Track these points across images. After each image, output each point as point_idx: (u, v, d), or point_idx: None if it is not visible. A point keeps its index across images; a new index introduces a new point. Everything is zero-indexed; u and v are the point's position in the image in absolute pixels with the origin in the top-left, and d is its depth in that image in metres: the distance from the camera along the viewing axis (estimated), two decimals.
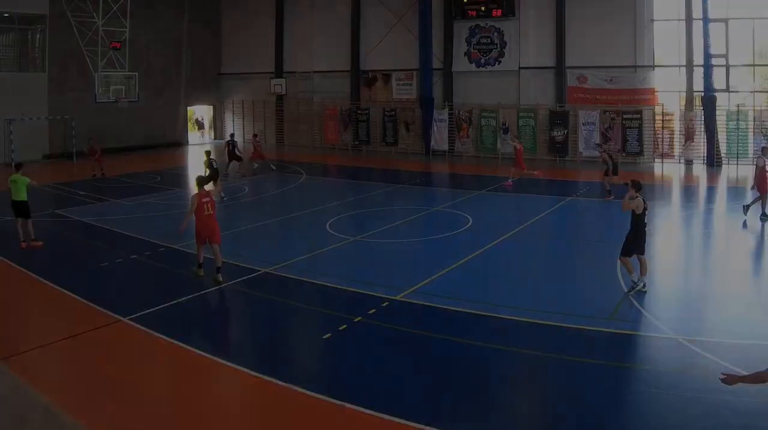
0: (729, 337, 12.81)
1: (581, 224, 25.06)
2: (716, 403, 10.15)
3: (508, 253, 20.11)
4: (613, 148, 37.47)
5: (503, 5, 44.13)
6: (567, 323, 13.80)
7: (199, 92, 54.06)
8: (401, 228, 23.51)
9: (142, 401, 10.96)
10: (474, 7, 44.99)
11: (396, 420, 9.88)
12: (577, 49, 43.23)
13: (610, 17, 42.37)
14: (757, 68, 42.80)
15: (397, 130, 47.52)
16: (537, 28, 44.18)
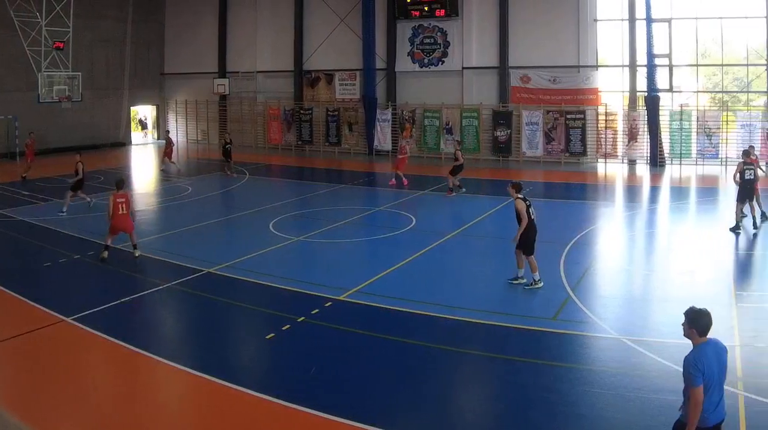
0: (672, 337, 12.13)
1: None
2: (659, 403, 9.94)
3: (452, 253, 19.61)
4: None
5: (446, 5, 42.36)
6: (510, 323, 13.45)
7: (142, 92, 51.46)
8: (344, 228, 22.82)
9: (85, 400, 10.64)
10: (417, 8, 43.05)
11: (339, 420, 9.65)
12: (521, 49, 41.40)
13: (553, 17, 40.63)
14: (700, 68, 41.27)
15: (341, 130, 45.41)
16: (480, 28, 42.26)
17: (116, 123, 50.10)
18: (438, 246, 20.04)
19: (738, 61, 40.79)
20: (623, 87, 40.78)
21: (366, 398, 10.49)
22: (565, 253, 18.97)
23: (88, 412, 10.22)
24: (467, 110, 42.36)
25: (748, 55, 39.55)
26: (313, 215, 25.18)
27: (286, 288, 16.02)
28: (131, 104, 51.49)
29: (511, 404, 10.45)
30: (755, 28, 38.70)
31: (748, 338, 12.44)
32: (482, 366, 12.09)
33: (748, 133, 37.95)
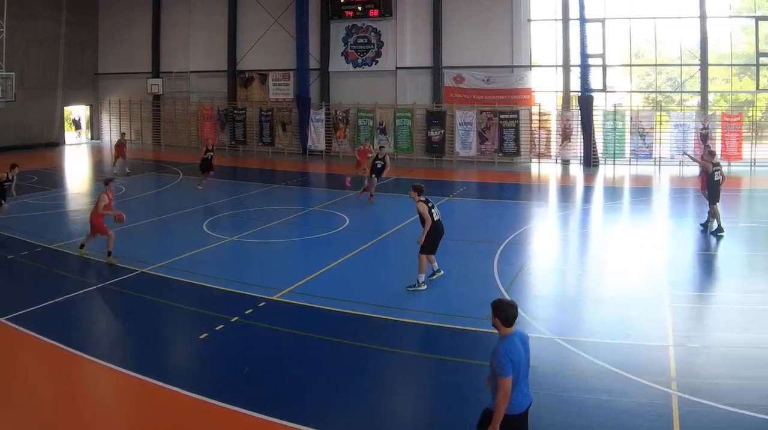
0: (605, 337, 12.20)
1: (458, 224, 22.54)
2: (592, 403, 9.69)
3: (385, 253, 18.96)
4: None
5: (380, 5, 40.04)
6: (444, 323, 13.01)
7: (76, 92, 48.49)
8: (278, 228, 21.93)
9: (19, 401, 10.17)
10: (351, 8, 40.80)
11: (273, 420, 9.30)
12: (454, 49, 39.39)
13: (487, 17, 38.69)
14: (634, 68, 39.67)
15: (274, 130, 42.65)
16: (414, 28, 40.11)
17: (50, 123, 46.80)
18: (372, 246, 19.34)
19: (671, 61, 39.30)
20: (557, 87, 38.91)
21: (300, 398, 10.11)
22: (498, 253, 18.27)
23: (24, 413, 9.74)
24: (401, 110, 40.07)
25: (682, 55, 38.03)
26: (247, 215, 24.27)
27: (220, 288, 15.41)
28: (65, 104, 48.17)
29: (446, 404, 9.99)
30: (689, 28, 37.14)
31: (681, 338, 12.06)
32: (416, 366, 11.66)
33: (682, 133, 36.41)
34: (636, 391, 9.93)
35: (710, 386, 10.07)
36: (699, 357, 11.36)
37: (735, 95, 39.74)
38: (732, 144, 35.93)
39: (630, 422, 9.14)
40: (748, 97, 39.57)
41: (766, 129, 38.75)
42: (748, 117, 36.97)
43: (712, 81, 39.07)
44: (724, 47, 38.82)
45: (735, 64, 39.10)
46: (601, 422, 9.14)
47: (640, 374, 10.50)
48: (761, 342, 11.92)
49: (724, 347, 11.75)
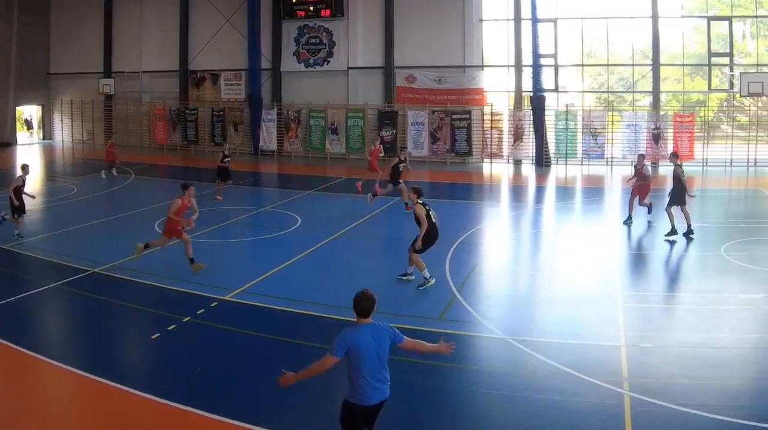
0: (557, 337, 11.95)
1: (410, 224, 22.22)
2: (544, 403, 9.46)
3: (337, 253, 18.44)
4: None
5: (332, 5, 38.53)
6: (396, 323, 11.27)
7: (28, 92, 46.51)
8: (230, 228, 21.41)
9: None
10: (303, 8, 39.25)
11: (225, 420, 9.04)
12: (406, 49, 38.01)
13: (439, 18, 37.41)
14: (586, 68, 38.75)
15: (226, 130, 40.92)
16: (366, 28, 38.67)
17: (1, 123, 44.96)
18: (324, 246, 18.82)
19: (623, 61, 38.46)
20: (509, 87, 37.71)
21: (252, 398, 9.79)
22: (450, 253, 17.74)
23: None
24: (352, 110, 38.52)
25: (634, 55, 37.17)
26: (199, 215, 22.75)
27: (172, 288, 14.97)
28: (17, 104, 46.17)
29: (398, 404, 9.10)
30: (641, 28, 36.19)
31: (633, 338, 11.84)
32: None
33: (634, 133, 35.63)
34: (588, 391, 9.75)
35: (662, 386, 9.87)
36: (651, 357, 11.14)
37: (687, 95, 38.85)
38: (684, 144, 35.05)
39: (582, 422, 8.95)
40: (700, 97, 38.74)
41: (717, 129, 37.89)
42: (700, 117, 36.14)
43: (664, 81, 38.16)
44: (676, 47, 37.94)
45: (687, 64, 38.27)
46: (553, 422, 8.98)
47: (592, 374, 10.26)
48: (713, 342, 11.73)
49: (677, 347, 11.56)
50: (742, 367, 10.77)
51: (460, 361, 11.20)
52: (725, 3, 37.57)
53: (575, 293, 14.79)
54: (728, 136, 36.48)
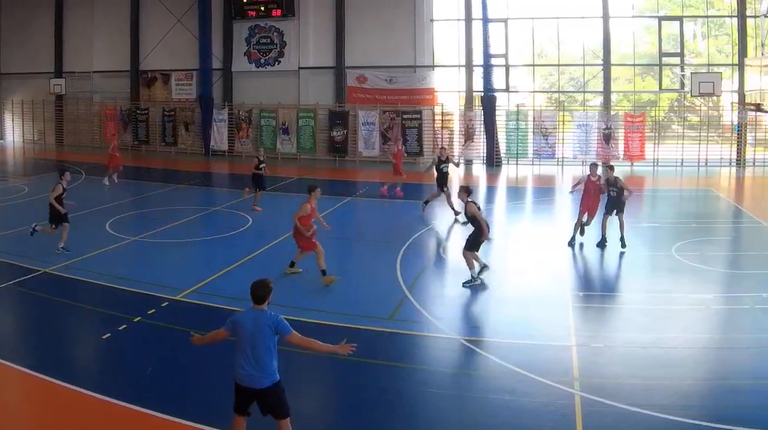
0: (508, 337, 11.82)
1: (361, 224, 22.72)
2: (495, 403, 9.37)
3: (288, 253, 17.17)
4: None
5: (283, 5, 37.35)
6: (347, 323, 12.49)
7: None
8: (181, 228, 20.83)
9: None
10: (254, 8, 38.07)
11: (177, 420, 8.86)
12: (357, 49, 37.01)
13: (390, 18, 36.42)
14: (537, 68, 38.09)
15: (177, 131, 39.68)
16: (317, 29, 37.60)
17: None
18: (274, 246, 18.35)
19: (574, 61, 37.80)
20: (459, 87, 36.86)
21: (203, 398, 9.64)
22: (401, 253, 17.54)
23: None
24: (303, 110, 37.37)
25: (585, 55, 36.51)
26: (150, 215, 23.21)
27: (123, 288, 14.61)
28: None
29: (349, 404, 9.61)
30: (592, 28, 35.43)
31: (584, 338, 11.71)
32: (319, 367, 10.95)
33: (585, 133, 34.97)
34: (539, 391, 9.64)
35: (613, 386, 9.76)
36: (602, 357, 11.04)
37: (638, 95, 38.27)
38: (635, 144, 34.49)
39: (533, 422, 8.85)
40: (651, 97, 38.21)
41: (668, 129, 37.35)
42: (651, 117, 35.67)
43: (615, 81, 37.50)
44: (627, 47, 37.32)
45: (638, 65, 37.69)
46: (504, 422, 8.86)
47: (543, 374, 10.11)
48: (663, 342, 11.60)
49: (627, 347, 11.45)
50: (693, 367, 10.67)
51: (412, 361, 11.27)
52: (676, 3, 36.98)
53: (526, 293, 14.64)
54: (679, 136, 36.02)
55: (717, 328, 12.64)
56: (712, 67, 35.61)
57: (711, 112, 36.96)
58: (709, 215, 23.28)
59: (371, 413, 9.24)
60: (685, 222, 21.41)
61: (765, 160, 34.87)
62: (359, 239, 18.09)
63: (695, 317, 13.07)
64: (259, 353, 7.17)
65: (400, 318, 12.93)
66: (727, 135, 36.38)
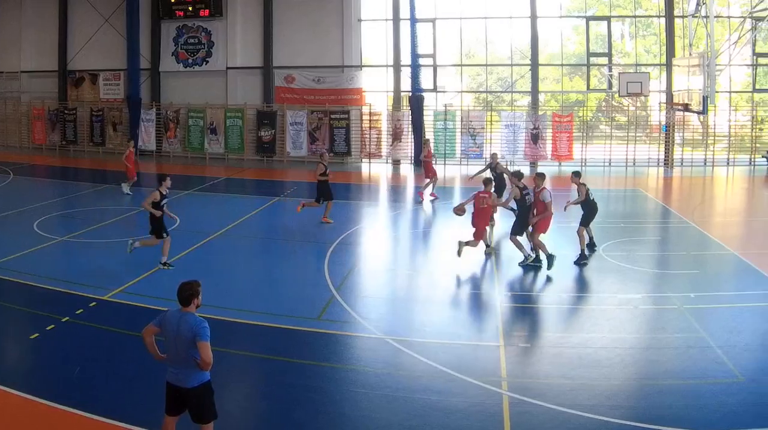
0: (436, 337, 11.66)
1: (289, 224, 22.03)
2: (423, 403, 9.23)
3: (217, 253, 17.77)
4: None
5: (211, 5, 35.95)
6: (276, 323, 12.42)
7: None
8: (109, 228, 20.39)
9: None
10: (181, 7, 36.63)
11: (105, 420, 8.65)
12: (285, 49, 35.74)
13: (318, 18, 35.22)
14: (464, 68, 37.27)
15: (105, 131, 38.53)
16: (245, 29, 36.29)
17: None
18: (202, 246, 18.13)
19: (502, 61, 36.88)
20: (387, 87, 35.69)
21: (131, 398, 9.33)
22: (329, 253, 17.35)
23: None
24: (231, 110, 36.03)
25: (513, 55, 35.64)
26: (78, 215, 22.55)
27: (51, 288, 14.27)
28: None
29: (277, 404, 9.39)
30: (520, 28, 34.52)
31: (512, 338, 11.62)
32: (247, 366, 10.88)
33: (512, 133, 34.12)
34: (467, 391, 9.54)
35: (541, 386, 9.71)
36: (530, 357, 11.02)
37: (566, 95, 37.49)
38: (562, 144, 33.72)
39: (461, 422, 8.74)
40: (578, 97, 37.46)
41: (596, 129, 36.67)
42: (579, 117, 34.88)
43: (543, 81, 36.71)
44: (555, 47, 36.64)
45: (566, 65, 36.96)
46: (432, 422, 8.77)
47: (471, 374, 10.02)
48: (591, 342, 11.52)
49: (555, 347, 11.41)
50: (620, 367, 10.55)
51: (340, 361, 11.11)
52: (604, 3, 36.18)
53: (454, 293, 14.58)
54: (607, 136, 35.49)
55: (644, 328, 12.52)
56: (639, 67, 35.02)
57: (639, 113, 36.23)
58: (636, 215, 22.87)
59: (298, 413, 9.09)
60: (613, 222, 20.83)
61: (693, 161, 34.50)
62: (287, 239, 17.79)
63: (623, 317, 12.92)
64: (183, 354, 6.99)
65: (328, 318, 12.81)
66: (655, 135, 35.85)
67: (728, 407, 9.05)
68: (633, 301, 13.73)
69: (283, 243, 17.65)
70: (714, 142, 34.70)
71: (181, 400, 7.17)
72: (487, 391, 9.55)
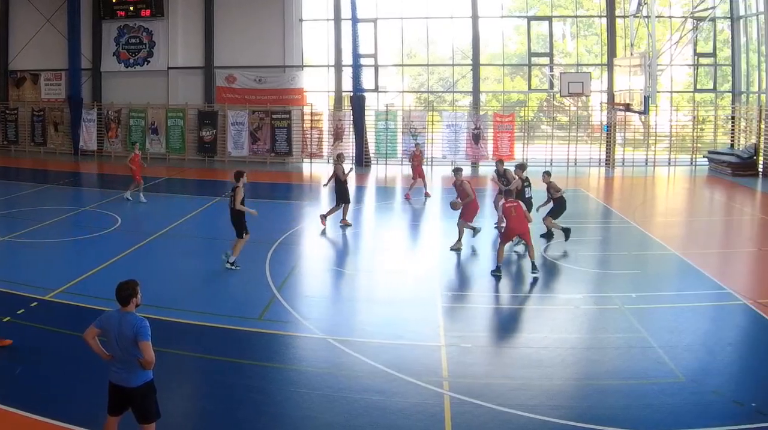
0: (378, 337, 11.46)
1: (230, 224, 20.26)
2: (365, 403, 9.11)
3: (158, 253, 17.46)
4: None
5: (152, 6, 35.06)
6: (217, 323, 12.20)
7: None
8: (50, 228, 19.76)
9: None
10: (123, 7, 35.72)
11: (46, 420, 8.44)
12: (227, 49, 34.93)
13: (259, 18, 34.44)
14: (406, 68, 36.64)
15: (46, 131, 37.47)
16: (186, 29, 35.41)
17: None
18: (144, 246, 17.75)
19: (444, 61, 36.32)
20: (329, 87, 35.06)
21: (73, 399, 9.08)
22: (270, 253, 17.01)
23: None
24: (173, 110, 35.17)
25: (454, 55, 35.12)
26: (19, 215, 21.96)
27: None
28: None
29: (218, 404, 9.15)
30: (461, 28, 33.99)
31: (453, 338, 11.42)
32: (189, 366, 10.55)
33: (454, 133, 33.64)
34: (408, 391, 9.42)
35: (482, 386, 9.57)
36: (471, 357, 10.83)
37: (507, 95, 36.96)
38: (504, 144, 33.25)
39: (402, 423, 8.62)
40: (520, 97, 36.94)
41: (537, 129, 36.29)
42: (520, 117, 34.45)
43: (485, 81, 36.20)
44: (496, 47, 36.14)
45: (507, 65, 36.41)
46: (373, 421, 8.65)
47: (412, 375, 9.87)
48: (533, 342, 11.49)
49: (496, 347, 11.43)
50: (562, 367, 10.42)
51: (281, 361, 10.92)
52: (545, 3, 35.70)
53: (395, 293, 14.24)
54: (548, 136, 35.04)
55: (586, 328, 12.29)
56: (581, 67, 34.65)
57: (580, 113, 35.79)
58: (578, 215, 22.09)
59: (239, 414, 8.88)
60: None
61: (634, 161, 34.16)
62: (228, 239, 16.86)
63: (564, 317, 12.76)
64: (125, 355, 6.91)
65: (270, 318, 12.59)
66: (597, 135, 35.50)
67: (669, 407, 8.94)
68: (574, 301, 13.60)
69: (224, 243, 16.92)
70: (655, 142, 34.31)
71: (125, 399, 7.08)
72: (429, 391, 9.45)
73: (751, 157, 30.73)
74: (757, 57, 32.35)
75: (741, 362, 10.63)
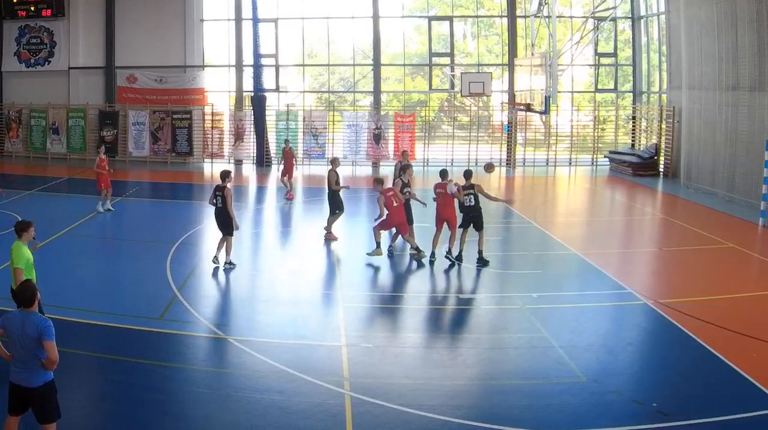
0: (278, 337, 11.15)
1: (130, 224, 21.39)
2: (265, 403, 8.87)
3: (58, 253, 16.49)
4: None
5: (53, 5, 33.46)
6: (117, 323, 11.83)
7: None
8: None
9: None
10: (24, 7, 34.13)
11: None
12: (128, 49, 33.46)
13: (160, 18, 33.08)
14: (307, 68, 35.61)
15: None
16: (87, 29, 33.93)
17: None
18: (44, 246, 16.10)
19: (344, 61, 35.20)
20: (230, 87, 33.85)
21: None
22: (171, 253, 16.55)
23: None
24: (73, 110, 33.65)
25: (355, 55, 34.15)
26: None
27: None
28: None
29: (119, 404, 8.83)
30: (362, 28, 32.92)
31: (354, 338, 11.17)
32: (90, 366, 10.11)
33: (355, 133, 32.72)
34: (309, 391, 9.17)
35: (383, 386, 9.38)
36: (372, 357, 10.62)
37: (408, 95, 36.01)
38: (405, 144, 32.30)
39: (303, 423, 8.36)
40: (421, 98, 36.03)
41: (438, 129, 35.44)
42: (421, 117, 33.53)
43: (385, 81, 35.16)
44: (397, 47, 35.16)
45: (408, 65, 35.47)
46: (273, 421, 8.39)
47: (313, 374, 9.60)
48: (433, 342, 11.42)
49: (397, 347, 11.17)
50: (463, 367, 10.26)
51: (181, 361, 10.56)
52: (446, 3, 34.76)
53: (296, 293, 14.00)
54: (449, 136, 34.24)
55: (487, 328, 12.10)
56: (482, 67, 33.83)
57: (481, 113, 34.94)
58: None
59: (141, 414, 8.56)
60: None
61: (535, 161, 33.51)
62: (128, 239, 16.94)
63: (465, 317, 12.71)
64: (27, 355, 6.70)
65: (170, 318, 12.18)
66: (497, 135, 34.76)
67: (570, 407, 8.77)
68: (475, 301, 13.50)
69: (124, 243, 16.83)
70: (556, 142, 33.65)
71: (25, 399, 6.88)
72: (330, 391, 9.22)
73: (652, 157, 30.15)
74: (658, 57, 31.74)
75: (641, 362, 10.52)
